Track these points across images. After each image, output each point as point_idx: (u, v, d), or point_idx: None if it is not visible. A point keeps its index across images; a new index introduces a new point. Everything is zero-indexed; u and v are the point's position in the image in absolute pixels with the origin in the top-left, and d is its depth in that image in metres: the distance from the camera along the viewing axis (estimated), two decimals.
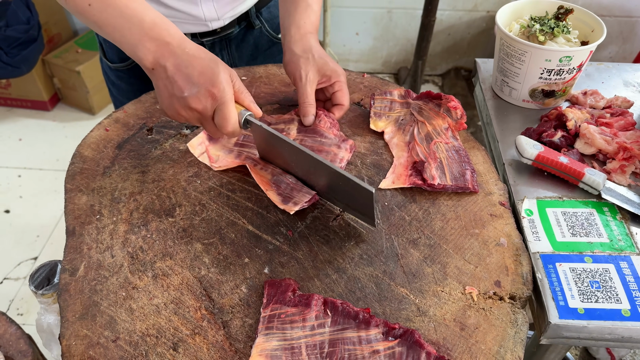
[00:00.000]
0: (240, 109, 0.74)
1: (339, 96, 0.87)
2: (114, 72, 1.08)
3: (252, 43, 1.10)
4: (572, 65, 0.89)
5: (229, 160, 0.83)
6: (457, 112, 0.88)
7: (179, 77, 0.69)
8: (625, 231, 0.75)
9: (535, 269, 0.71)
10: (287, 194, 0.76)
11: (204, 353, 0.62)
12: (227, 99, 0.70)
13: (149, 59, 0.70)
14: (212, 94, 0.69)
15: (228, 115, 0.71)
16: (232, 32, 1.05)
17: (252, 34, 1.09)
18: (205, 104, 0.70)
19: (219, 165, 0.82)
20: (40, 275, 0.79)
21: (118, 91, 1.12)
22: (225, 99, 0.70)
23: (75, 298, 0.67)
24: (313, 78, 0.84)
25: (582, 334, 0.66)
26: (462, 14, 2.60)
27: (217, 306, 0.66)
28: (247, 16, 1.06)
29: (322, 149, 0.84)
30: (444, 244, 0.73)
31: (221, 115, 0.71)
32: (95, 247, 0.73)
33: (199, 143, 0.86)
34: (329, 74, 0.86)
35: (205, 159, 0.84)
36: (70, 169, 0.84)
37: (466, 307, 0.66)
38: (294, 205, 0.74)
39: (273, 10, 1.10)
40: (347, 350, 0.60)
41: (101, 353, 0.62)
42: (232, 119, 0.72)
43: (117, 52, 1.04)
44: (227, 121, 0.71)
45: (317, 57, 0.84)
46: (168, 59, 0.69)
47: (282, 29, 0.91)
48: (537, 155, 0.81)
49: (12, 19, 2.14)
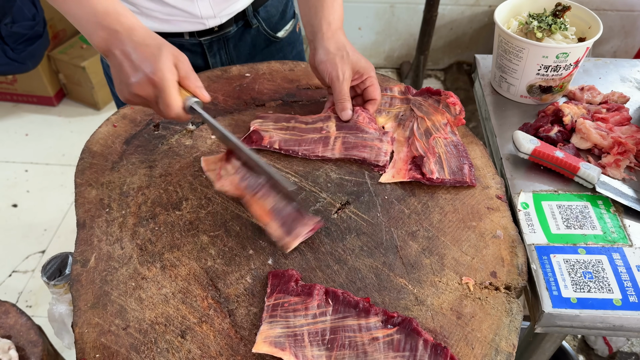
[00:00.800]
0: (187, 95, 0.75)
1: (371, 91, 0.90)
2: None
3: (250, 42, 1.12)
4: (568, 61, 0.91)
5: (233, 181, 0.79)
6: (455, 108, 0.90)
7: (125, 64, 0.72)
8: (618, 223, 0.77)
9: (530, 260, 0.73)
10: (287, 225, 0.73)
11: (210, 340, 0.64)
12: (166, 86, 0.71)
13: (102, 46, 0.74)
14: (152, 80, 0.71)
15: (168, 102, 0.72)
16: (229, 31, 1.06)
17: (250, 33, 1.10)
18: (147, 91, 0.72)
19: (221, 184, 0.79)
20: (52, 266, 0.82)
21: None
22: (164, 85, 0.71)
23: (86, 288, 0.70)
24: (349, 76, 0.87)
25: (575, 322, 0.68)
26: (464, 9, 2.60)
27: (223, 295, 0.69)
28: (244, 15, 1.07)
29: (365, 144, 0.86)
30: (441, 236, 0.76)
31: (162, 102, 0.73)
32: (105, 239, 0.75)
33: (215, 161, 0.84)
34: (362, 71, 0.89)
35: (213, 174, 0.82)
36: (79, 164, 0.86)
37: (463, 297, 0.69)
38: (294, 239, 0.73)
39: (270, 10, 1.11)
40: (347, 337, 0.63)
41: (112, 340, 0.65)
42: (173, 105, 0.73)
43: None
44: (168, 107, 0.73)
45: (351, 55, 0.87)
46: (117, 46, 0.72)
47: (308, 25, 0.92)
48: (533, 150, 0.83)
49: (17, 16, 2.16)
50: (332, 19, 0.89)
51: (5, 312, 1.20)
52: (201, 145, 0.90)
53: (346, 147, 0.86)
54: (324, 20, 0.89)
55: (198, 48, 1.06)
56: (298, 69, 1.06)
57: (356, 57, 0.88)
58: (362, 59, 0.89)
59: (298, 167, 0.85)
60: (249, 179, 0.78)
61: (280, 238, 0.72)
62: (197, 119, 0.90)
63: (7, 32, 2.15)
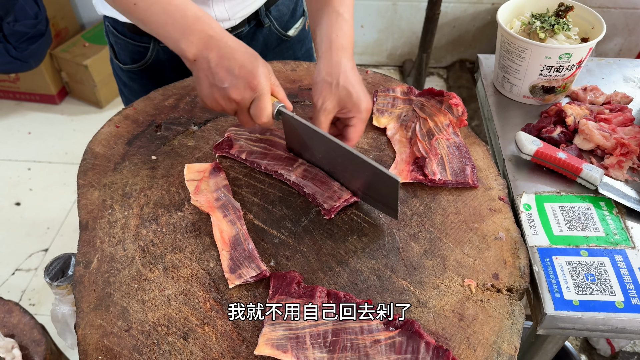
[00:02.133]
0: (274, 100, 0.77)
1: (350, 132, 0.80)
2: (126, 73, 1.11)
3: (262, 41, 1.12)
4: (571, 62, 0.90)
5: (208, 198, 0.80)
6: (458, 109, 0.90)
7: (221, 69, 0.72)
8: (621, 225, 0.77)
9: (532, 262, 0.73)
10: (238, 261, 0.72)
11: (213, 342, 0.65)
12: (264, 92, 0.74)
13: (192, 51, 0.73)
14: (252, 86, 0.73)
15: (264, 106, 0.74)
16: (242, 32, 1.07)
17: (262, 33, 1.11)
18: (244, 95, 0.73)
19: (197, 199, 0.80)
20: (55, 267, 0.82)
21: (130, 92, 1.14)
22: (263, 91, 0.73)
23: (89, 289, 0.70)
24: (331, 108, 0.78)
25: (577, 324, 0.68)
26: (467, 6, 2.60)
27: (225, 297, 0.69)
28: (256, 15, 1.07)
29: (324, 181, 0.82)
30: (444, 238, 0.76)
31: (258, 106, 0.74)
32: (107, 240, 0.76)
33: (198, 170, 0.84)
34: (349, 107, 0.78)
35: (192, 186, 0.82)
36: (82, 165, 0.86)
37: (465, 299, 0.69)
38: (237, 279, 0.70)
39: (281, 8, 1.11)
40: (349, 339, 0.63)
41: (115, 342, 0.65)
42: (268, 110, 0.75)
43: (129, 54, 1.06)
44: (262, 112, 0.75)
45: (342, 85, 0.77)
46: (211, 51, 0.72)
47: (313, 36, 0.86)
48: (536, 151, 0.83)
49: (20, 14, 2.17)
50: (334, 37, 0.80)
51: (9, 311, 1.20)
52: (203, 146, 0.90)
53: (304, 175, 0.82)
54: (326, 37, 0.80)
55: None
56: (300, 69, 1.06)
57: (347, 90, 0.77)
58: (355, 94, 0.77)
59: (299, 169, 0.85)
60: (224, 201, 0.79)
61: (225, 271, 0.71)
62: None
63: (10, 30, 2.16)
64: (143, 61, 1.06)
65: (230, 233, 0.75)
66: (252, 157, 0.86)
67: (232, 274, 0.71)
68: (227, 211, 0.78)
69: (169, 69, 1.07)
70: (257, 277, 0.70)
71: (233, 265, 0.71)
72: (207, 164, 0.85)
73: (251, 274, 0.70)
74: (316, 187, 0.80)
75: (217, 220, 0.77)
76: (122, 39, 1.05)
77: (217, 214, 0.78)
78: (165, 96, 0.99)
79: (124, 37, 1.04)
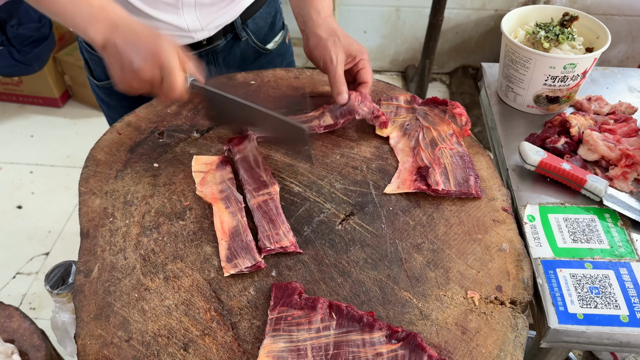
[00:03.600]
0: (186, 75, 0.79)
1: (363, 74, 0.91)
2: (103, 90, 1.10)
3: (239, 55, 1.11)
4: (576, 72, 0.90)
5: (212, 190, 0.82)
6: (462, 118, 0.90)
7: (128, 50, 0.74)
8: (626, 237, 0.76)
9: (536, 275, 0.72)
10: (235, 251, 0.73)
11: (213, 353, 0.64)
12: (172, 67, 0.75)
13: (100, 38, 0.76)
14: (159, 63, 0.75)
15: (174, 81, 0.76)
16: (218, 45, 1.06)
17: (239, 46, 1.10)
18: (153, 73, 0.75)
19: (202, 190, 0.82)
20: (56, 275, 0.82)
21: (108, 108, 1.14)
22: (170, 66, 0.75)
23: (89, 299, 0.70)
24: (342, 59, 0.88)
25: (581, 338, 0.67)
26: (470, 13, 2.60)
27: (226, 308, 0.68)
28: (233, 28, 1.06)
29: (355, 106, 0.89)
30: (447, 249, 0.75)
31: (168, 82, 0.76)
32: (108, 249, 0.75)
33: (206, 162, 0.86)
34: (354, 54, 0.90)
35: (199, 177, 0.84)
36: (84, 172, 0.86)
37: (468, 312, 0.68)
38: (233, 268, 0.71)
39: (259, 22, 1.10)
40: (351, 352, 0.62)
41: (115, 352, 0.64)
42: (179, 84, 0.77)
43: (104, 70, 1.05)
44: (174, 87, 0.77)
45: (343, 39, 0.89)
46: (117, 36, 0.75)
47: (299, 16, 0.95)
48: (540, 162, 0.83)
49: (24, 18, 2.17)
50: (320, 7, 0.92)
51: (9, 316, 1.20)
52: (205, 153, 0.89)
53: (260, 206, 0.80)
54: (313, 9, 0.91)
55: None
56: (303, 77, 1.06)
57: (348, 41, 0.89)
58: (354, 43, 0.90)
59: (302, 177, 0.85)
60: (227, 193, 0.81)
61: (222, 260, 0.73)
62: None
63: (14, 33, 2.16)
64: None
65: (230, 224, 0.77)
66: (240, 163, 0.86)
67: (228, 263, 0.72)
68: (229, 203, 0.80)
69: None
70: (252, 268, 0.71)
71: (230, 255, 0.73)
72: (215, 157, 0.87)
73: (246, 264, 0.71)
74: (262, 222, 0.77)
75: (219, 210, 0.79)
76: (96, 55, 1.05)
77: (220, 204, 0.79)
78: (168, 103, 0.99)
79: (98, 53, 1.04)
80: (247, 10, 1.07)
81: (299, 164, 0.87)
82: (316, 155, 0.89)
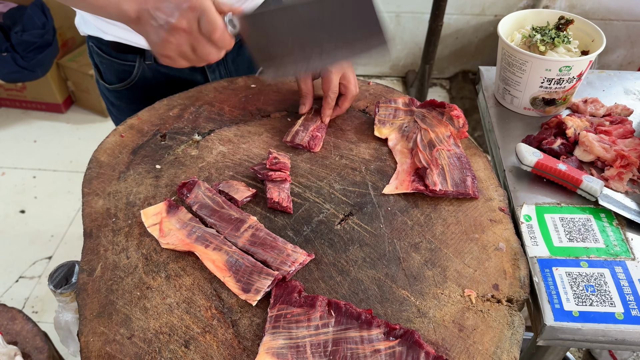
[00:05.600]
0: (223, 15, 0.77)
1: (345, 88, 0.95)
2: (113, 93, 1.11)
3: (248, 57, 1.12)
4: (571, 74, 0.91)
5: (180, 237, 0.76)
6: (459, 120, 0.91)
7: (160, 8, 0.74)
8: (621, 237, 0.77)
9: (532, 273, 0.73)
10: (246, 279, 0.70)
11: (214, 350, 0.65)
12: (206, 6, 0.74)
13: (133, 8, 0.75)
14: (191, 6, 0.73)
15: (212, 19, 0.74)
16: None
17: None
18: (189, 19, 0.74)
19: (167, 242, 0.76)
20: (59, 275, 0.83)
21: (118, 111, 1.15)
22: (204, 5, 0.74)
23: (92, 297, 0.71)
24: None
25: (577, 336, 0.68)
26: (469, 18, 2.62)
27: (226, 306, 0.70)
28: None
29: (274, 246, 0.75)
30: (444, 248, 0.76)
31: (206, 22, 0.74)
32: (111, 248, 0.76)
33: (155, 213, 0.80)
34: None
35: (156, 231, 0.77)
36: (87, 174, 0.87)
37: (465, 309, 0.69)
38: (255, 294, 0.68)
39: None
40: (349, 349, 0.63)
41: (117, 349, 0.66)
42: (218, 21, 0.75)
43: (115, 73, 1.07)
44: (213, 25, 0.74)
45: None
46: (148, 2, 0.75)
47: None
48: (536, 163, 0.84)
49: (28, 24, 2.20)
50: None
51: (12, 319, 1.21)
52: (207, 155, 0.91)
53: (252, 241, 0.75)
54: None
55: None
56: None
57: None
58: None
59: (301, 179, 0.86)
60: (197, 232, 0.76)
61: (240, 294, 0.69)
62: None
63: (17, 40, 2.19)
64: (129, 80, 1.07)
65: (222, 259, 0.73)
66: (202, 211, 0.80)
67: (247, 293, 0.69)
68: (206, 241, 0.75)
69: (155, 86, 1.08)
70: (274, 283, 0.69)
71: (244, 286, 0.70)
72: (161, 204, 0.81)
73: (267, 284, 0.69)
74: (267, 253, 0.73)
75: (203, 253, 0.74)
76: (107, 59, 1.06)
77: (199, 247, 0.74)
78: (170, 106, 1.00)
79: (109, 57, 1.05)
80: None
81: (298, 164, 0.89)
82: (316, 157, 0.90)
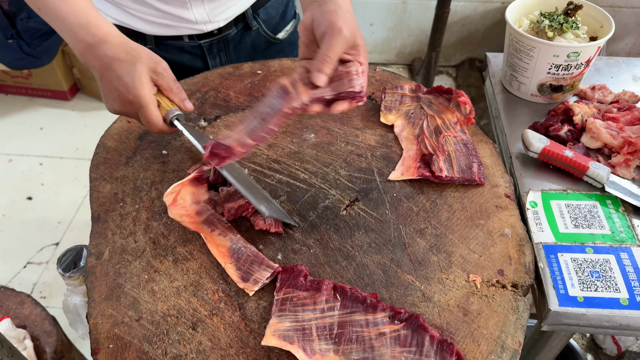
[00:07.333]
0: (170, 107, 0.76)
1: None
2: None
3: (250, 44, 1.12)
4: (579, 60, 0.91)
5: (189, 212, 0.75)
6: (466, 107, 0.91)
7: (104, 81, 0.72)
8: (627, 223, 0.77)
9: (537, 259, 0.73)
10: (246, 269, 0.71)
11: (221, 332, 0.66)
12: (143, 104, 0.71)
13: (82, 59, 0.74)
14: (129, 99, 0.71)
15: (148, 119, 0.73)
16: (229, 34, 1.07)
17: (250, 35, 1.11)
18: (127, 108, 0.73)
19: (175, 212, 0.74)
20: (67, 259, 0.84)
21: None
22: (140, 103, 0.71)
23: (101, 280, 0.72)
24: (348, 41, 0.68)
25: (581, 321, 0.68)
26: (476, 5, 2.59)
27: (233, 289, 0.70)
28: (243, 17, 1.07)
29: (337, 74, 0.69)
30: (449, 234, 0.76)
31: (143, 119, 0.73)
32: (119, 232, 0.77)
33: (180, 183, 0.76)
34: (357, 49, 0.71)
35: (170, 199, 0.74)
36: (94, 159, 0.88)
37: (469, 294, 0.69)
38: (254, 284, 0.69)
39: (270, 11, 1.11)
40: (354, 332, 0.64)
41: (125, 331, 0.66)
42: (154, 121, 0.73)
43: None
44: (149, 124, 0.73)
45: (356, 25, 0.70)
46: (94, 62, 0.72)
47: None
48: (542, 149, 0.84)
49: (33, 11, 2.19)
50: None
51: (21, 303, 1.23)
52: None
53: (312, 86, 0.68)
54: None
55: (198, 50, 1.07)
56: None
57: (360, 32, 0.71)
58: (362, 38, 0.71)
59: (308, 165, 0.87)
60: (207, 214, 0.76)
61: (239, 282, 0.70)
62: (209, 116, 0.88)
63: (23, 27, 2.19)
64: None
65: (226, 245, 0.74)
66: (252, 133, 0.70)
67: (246, 282, 0.70)
68: (213, 225, 0.75)
69: None
70: (272, 276, 0.70)
71: (244, 275, 0.71)
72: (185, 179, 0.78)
73: (266, 276, 0.70)
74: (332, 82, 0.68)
75: (208, 236, 0.74)
76: None
77: (205, 230, 0.75)
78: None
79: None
80: (258, 0, 1.08)
81: (304, 150, 0.89)
82: (322, 143, 0.90)
